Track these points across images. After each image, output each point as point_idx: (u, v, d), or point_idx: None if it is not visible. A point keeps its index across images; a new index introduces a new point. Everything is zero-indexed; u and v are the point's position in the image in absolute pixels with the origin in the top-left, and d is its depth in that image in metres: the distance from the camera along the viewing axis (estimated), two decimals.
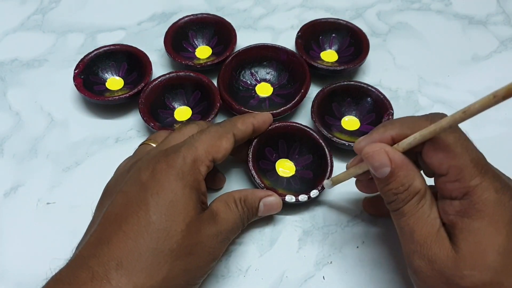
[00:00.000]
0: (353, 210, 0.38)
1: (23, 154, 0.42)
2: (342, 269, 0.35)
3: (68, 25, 0.53)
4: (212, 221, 0.30)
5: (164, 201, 0.29)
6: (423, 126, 0.27)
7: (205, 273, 0.31)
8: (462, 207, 0.26)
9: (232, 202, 0.33)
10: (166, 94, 0.44)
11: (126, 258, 0.27)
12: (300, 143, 0.40)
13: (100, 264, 0.27)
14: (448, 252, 0.26)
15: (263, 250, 0.36)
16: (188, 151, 0.31)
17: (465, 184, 0.26)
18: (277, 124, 0.39)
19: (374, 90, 0.43)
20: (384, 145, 0.28)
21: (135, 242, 0.27)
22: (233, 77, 0.45)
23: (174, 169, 0.30)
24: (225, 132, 0.33)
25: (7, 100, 0.46)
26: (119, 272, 0.26)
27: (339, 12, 0.54)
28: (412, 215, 0.27)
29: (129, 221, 0.28)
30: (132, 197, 0.29)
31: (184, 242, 0.28)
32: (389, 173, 0.27)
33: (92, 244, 0.28)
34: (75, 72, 0.44)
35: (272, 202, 0.35)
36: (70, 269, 0.27)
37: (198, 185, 0.30)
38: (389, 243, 0.36)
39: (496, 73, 0.48)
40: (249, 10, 0.55)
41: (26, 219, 0.38)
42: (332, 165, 0.38)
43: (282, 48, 0.46)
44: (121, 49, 0.46)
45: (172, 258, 0.28)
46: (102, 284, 0.26)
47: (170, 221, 0.28)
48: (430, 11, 0.54)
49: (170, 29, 0.48)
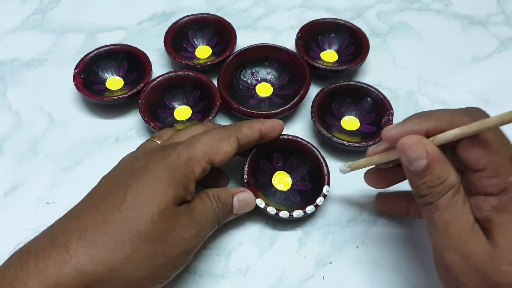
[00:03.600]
0: (353, 210, 0.38)
1: (23, 154, 0.42)
2: (342, 269, 0.35)
3: (68, 25, 0.53)
4: (188, 214, 0.30)
5: (144, 185, 0.29)
6: (462, 121, 0.26)
7: (173, 267, 0.30)
8: (499, 202, 0.26)
9: (206, 196, 0.32)
10: (166, 94, 0.44)
11: (90, 231, 0.27)
12: (296, 155, 0.39)
13: (63, 234, 0.27)
14: (484, 247, 0.25)
15: (263, 250, 0.36)
16: (185, 149, 0.31)
17: (503, 180, 0.26)
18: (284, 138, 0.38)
19: (374, 90, 0.43)
20: (421, 137, 0.27)
21: (104, 217, 0.28)
22: (233, 76, 0.45)
23: (166, 161, 0.30)
24: (228, 135, 0.33)
25: (7, 100, 0.46)
26: (79, 243, 0.27)
27: (339, 12, 0.54)
28: (447, 209, 0.26)
29: (106, 199, 0.29)
30: (118, 180, 0.30)
31: (154, 226, 0.28)
32: (425, 166, 0.26)
33: (65, 217, 0.29)
34: (75, 71, 0.44)
35: (245, 197, 0.35)
36: (35, 239, 0.28)
37: (187, 183, 0.30)
38: (389, 243, 0.36)
39: (496, 73, 0.48)
40: (249, 10, 0.55)
41: (26, 219, 0.38)
42: (328, 173, 0.37)
43: (283, 48, 0.46)
44: (121, 49, 0.46)
45: (137, 240, 0.27)
46: (60, 251, 0.26)
47: (144, 204, 0.28)
48: (430, 11, 0.54)
49: (170, 29, 0.48)
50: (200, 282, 0.35)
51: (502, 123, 0.24)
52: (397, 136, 0.28)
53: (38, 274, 0.25)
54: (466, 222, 0.26)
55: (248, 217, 0.38)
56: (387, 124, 0.41)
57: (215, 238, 0.37)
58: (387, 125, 0.41)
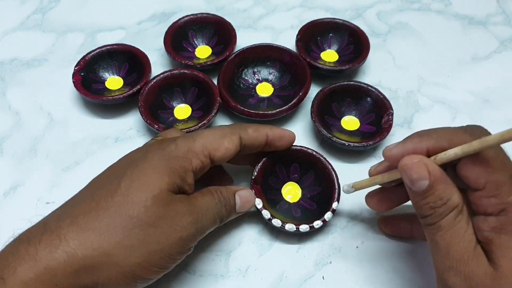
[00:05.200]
0: (353, 210, 0.38)
1: (23, 154, 0.42)
2: (341, 269, 0.35)
3: (68, 25, 0.53)
4: (185, 202, 0.30)
5: (139, 172, 0.29)
6: (462, 139, 0.26)
7: (169, 256, 0.29)
8: (499, 223, 0.25)
9: (208, 191, 0.32)
10: (164, 94, 0.44)
11: (82, 217, 0.27)
12: (314, 172, 0.38)
13: (56, 221, 0.27)
14: (486, 269, 0.25)
15: (263, 250, 0.36)
16: (183, 141, 0.31)
17: (503, 200, 0.25)
18: (297, 148, 0.38)
19: (374, 90, 0.43)
20: (423, 157, 0.27)
21: (97, 204, 0.28)
22: (234, 74, 0.45)
23: (163, 151, 0.30)
24: (231, 133, 0.33)
25: (7, 100, 0.46)
26: (70, 228, 0.27)
27: (339, 12, 0.54)
28: (449, 229, 0.26)
29: (101, 188, 0.29)
30: (115, 170, 0.30)
31: (147, 212, 0.27)
32: (427, 186, 0.26)
33: (59, 207, 0.29)
34: (75, 68, 0.44)
35: (246, 194, 0.34)
36: (29, 228, 0.28)
37: (184, 173, 0.30)
38: (389, 243, 0.36)
39: (496, 73, 0.48)
40: (249, 10, 0.55)
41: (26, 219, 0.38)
42: (339, 196, 0.36)
43: (286, 49, 0.46)
44: (123, 49, 0.46)
45: (130, 225, 0.27)
46: (51, 236, 0.26)
47: (137, 190, 0.28)
48: (430, 11, 0.54)
49: (170, 28, 0.48)
50: (200, 282, 0.35)
51: (502, 141, 0.24)
52: (398, 156, 0.28)
53: (28, 259, 0.25)
54: (468, 243, 0.26)
55: (248, 217, 0.38)
56: (387, 124, 0.41)
57: (215, 238, 0.37)
58: (386, 124, 0.41)
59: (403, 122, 0.44)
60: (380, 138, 0.40)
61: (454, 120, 0.44)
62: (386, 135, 0.40)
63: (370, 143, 0.39)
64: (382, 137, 0.40)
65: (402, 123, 0.44)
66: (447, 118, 0.44)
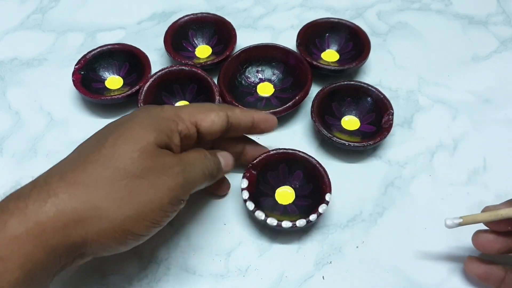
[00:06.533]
0: (353, 210, 0.38)
1: (23, 154, 0.42)
2: (342, 269, 0.35)
3: (68, 25, 0.53)
4: (172, 155, 0.30)
5: (125, 128, 0.29)
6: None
7: (160, 209, 0.28)
8: None
9: (194, 150, 0.32)
10: (163, 92, 0.44)
11: (71, 172, 0.27)
12: (302, 171, 0.38)
13: (45, 178, 0.27)
14: None
15: (263, 250, 0.36)
16: (170, 108, 0.32)
17: None
18: (280, 151, 0.38)
19: (374, 90, 0.43)
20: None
21: (85, 159, 0.28)
22: (238, 71, 0.45)
23: (149, 112, 0.31)
24: (219, 109, 0.33)
25: (7, 100, 0.46)
26: (59, 183, 0.27)
27: (339, 12, 0.54)
28: None
29: (88, 146, 0.29)
30: (103, 130, 0.31)
31: (134, 163, 0.28)
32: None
33: (50, 168, 0.29)
34: (75, 67, 0.44)
35: (227, 155, 0.35)
36: (20, 187, 0.28)
37: (170, 132, 0.30)
38: (389, 243, 0.36)
39: (496, 73, 0.48)
40: (249, 9, 0.54)
41: None
42: (330, 187, 0.36)
43: (292, 52, 0.46)
44: (124, 48, 0.46)
45: (117, 177, 0.27)
46: (40, 191, 0.26)
47: (124, 143, 0.28)
48: (430, 11, 0.54)
49: (170, 28, 0.48)
50: (200, 282, 0.35)
51: None
52: None
53: (18, 213, 0.25)
54: None
55: (248, 217, 0.38)
56: (387, 124, 0.41)
57: (215, 238, 0.37)
58: (387, 124, 0.41)
59: (403, 122, 0.44)
60: (380, 138, 0.40)
61: (454, 120, 0.44)
62: (387, 135, 0.40)
63: (370, 143, 0.39)
64: (382, 137, 0.40)
65: (402, 123, 0.44)
66: (447, 118, 0.44)
